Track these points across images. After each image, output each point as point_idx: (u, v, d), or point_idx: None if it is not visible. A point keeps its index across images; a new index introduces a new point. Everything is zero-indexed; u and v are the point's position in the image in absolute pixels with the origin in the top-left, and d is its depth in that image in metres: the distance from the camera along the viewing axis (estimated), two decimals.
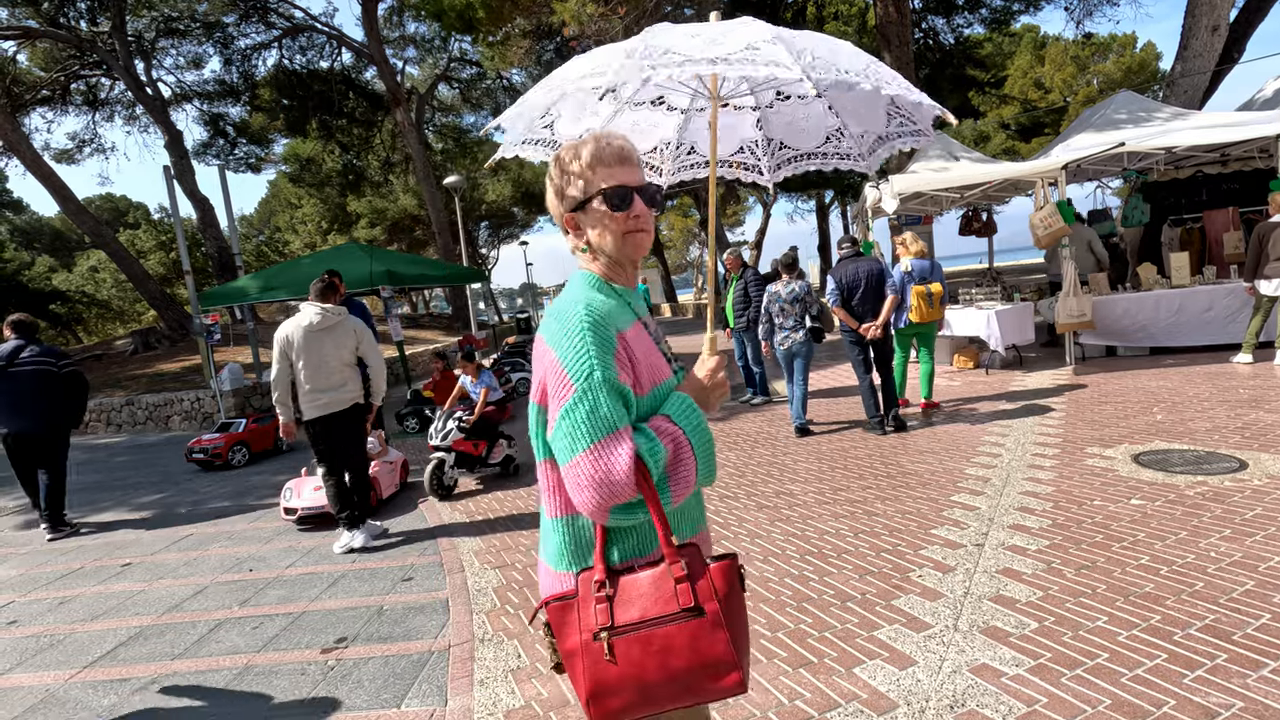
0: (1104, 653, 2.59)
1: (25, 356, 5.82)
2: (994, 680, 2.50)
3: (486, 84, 29.26)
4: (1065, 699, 2.36)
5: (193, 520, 6.06)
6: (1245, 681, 2.33)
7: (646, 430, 1.23)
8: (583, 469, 1.17)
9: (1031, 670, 2.53)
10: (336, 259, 10.05)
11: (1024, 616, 2.90)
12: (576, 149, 1.34)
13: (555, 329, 1.24)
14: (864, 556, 3.68)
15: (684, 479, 1.26)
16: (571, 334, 1.21)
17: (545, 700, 2.69)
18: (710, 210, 1.82)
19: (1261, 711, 2.19)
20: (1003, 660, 2.61)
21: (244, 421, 8.46)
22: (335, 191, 32.18)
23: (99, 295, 31.57)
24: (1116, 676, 2.45)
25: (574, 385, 1.18)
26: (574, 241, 1.39)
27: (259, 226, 44.00)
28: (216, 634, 3.66)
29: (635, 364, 1.27)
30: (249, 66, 24.40)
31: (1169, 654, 2.54)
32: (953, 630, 2.86)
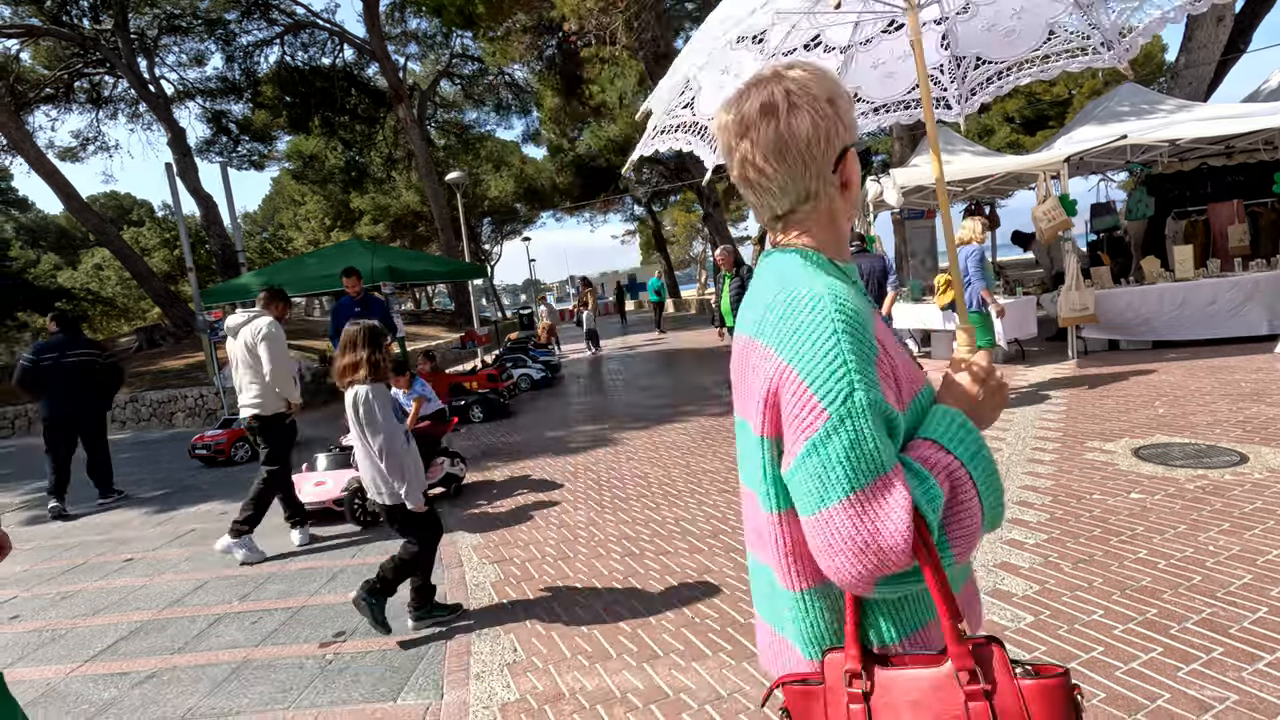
0: (1099, 646, 2.59)
1: (72, 350, 6.59)
2: None
3: (488, 80, 29.24)
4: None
5: (195, 516, 6.09)
6: (1241, 675, 2.32)
7: (914, 466, 0.90)
8: (838, 527, 0.84)
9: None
10: (339, 255, 10.06)
11: (1020, 610, 2.89)
12: (819, 76, 0.99)
13: (785, 327, 0.90)
14: None
15: (968, 529, 0.91)
16: (817, 336, 0.87)
17: (540, 694, 2.69)
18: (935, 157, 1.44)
19: (1256, 705, 2.18)
20: None
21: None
22: (338, 188, 32.22)
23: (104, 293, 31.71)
24: (1111, 670, 2.44)
25: (825, 410, 0.85)
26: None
27: (263, 224, 44.12)
28: (216, 628, 3.68)
29: (897, 375, 0.94)
30: (251, 63, 24.43)
31: (1165, 647, 2.53)
32: None
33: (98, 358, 6.76)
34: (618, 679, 2.73)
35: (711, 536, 4.14)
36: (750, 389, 0.96)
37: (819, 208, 1.02)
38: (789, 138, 0.96)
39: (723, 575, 3.58)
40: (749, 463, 0.99)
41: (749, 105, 0.98)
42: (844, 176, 1.01)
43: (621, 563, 3.92)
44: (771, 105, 0.97)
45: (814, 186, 1.00)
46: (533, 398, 10.75)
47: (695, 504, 4.76)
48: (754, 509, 1.02)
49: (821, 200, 1.01)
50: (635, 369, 12.89)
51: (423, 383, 5.81)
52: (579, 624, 3.23)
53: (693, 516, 4.53)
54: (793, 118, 0.96)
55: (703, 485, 5.17)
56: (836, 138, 0.98)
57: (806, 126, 0.96)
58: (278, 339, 4.73)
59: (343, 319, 6.74)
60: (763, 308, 0.95)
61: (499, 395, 9.46)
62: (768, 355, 0.92)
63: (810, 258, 1.00)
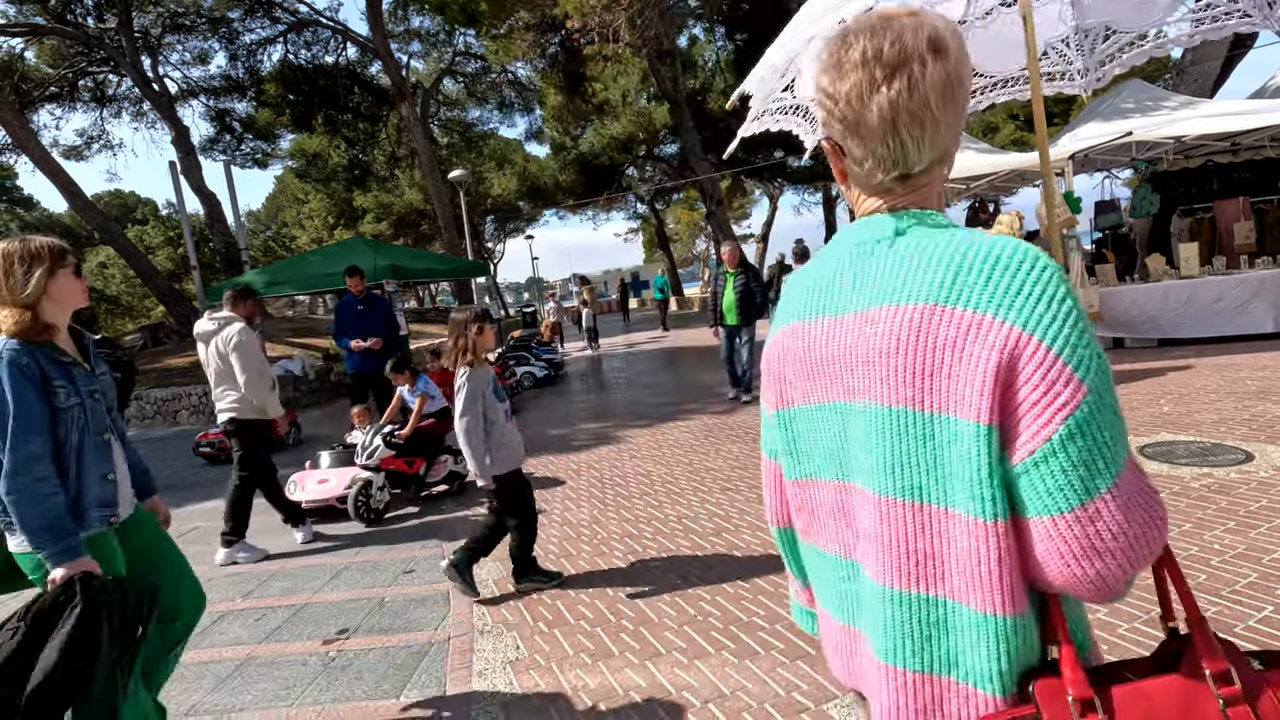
0: (1104, 645, 2.58)
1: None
2: None
3: (491, 78, 29.25)
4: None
5: (199, 514, 6.11)
6: None
7: None
8: (1110, 519, 0.72)
9: None
10: (342, 253, 10.08)
11: None
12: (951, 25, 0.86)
13: (1006, 289, 0.75)
14: None
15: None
16: (1052, 297, 0.74)
17: (543, 692, 2.69)
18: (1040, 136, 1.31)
19: None
20: None
21: None
22: (341, 186, 32.29)
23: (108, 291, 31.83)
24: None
25: (1083, 384, 0.72)
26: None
27: (266, 222, 44.23)
28: (220, 625, 3.69)
29: None
30: (254, 62, 24.46)
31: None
32: None
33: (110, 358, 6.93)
34: (620, 677, 2.73)
35: (714, 534, 4.13)
36: (951, 369, 0.76)
37: (937, 174, 0.87)
38: (956, 82, 0.80)
39: (725, 573, 3.57)
40: (930, 465, 0.79)
41: (912, 38, 0.80)
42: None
43: (624, 560, 3.92)
44: (940, 42, 0.80)
45: (953, 147, 0.86)
46: (535, 395, 10.75)
47: (698, 502, 4.76)
48: (928, 522, 0.80)
49: (945, 165, 0.87)
50: (638, 367, 12.89)
51: (427, 380, 5.78)
52: (581, 622, 3.23)
53: (695, 514, 4.52)
54: (962, 60, 0.81)
55: (705, 483, 5.16)
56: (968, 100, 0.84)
57: (966, 73, 0.82)
58: (249, 346, 4.57)
59: (345, 317, 6.76)
60: (950, 270, 0.77)
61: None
62: (986, 324, 0.74)
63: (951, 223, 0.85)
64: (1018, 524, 0.77)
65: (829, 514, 0.94)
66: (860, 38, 0.82)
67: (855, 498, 0.88)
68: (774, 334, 1.01)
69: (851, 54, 0.82)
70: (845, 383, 0.87)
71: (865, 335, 0.83)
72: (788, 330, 0.97)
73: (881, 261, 0.85)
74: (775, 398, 1.00)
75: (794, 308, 0.96)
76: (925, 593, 0.82)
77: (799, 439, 0.97)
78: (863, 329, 0.84)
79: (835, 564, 0.95)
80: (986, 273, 0.76)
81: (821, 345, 0.90)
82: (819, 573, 1.01)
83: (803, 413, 0.95)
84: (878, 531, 0.84)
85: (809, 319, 0.92)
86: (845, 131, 0.85)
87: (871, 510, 0.84)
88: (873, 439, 0.83)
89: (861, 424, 0.85)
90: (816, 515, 0.97)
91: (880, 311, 0.82)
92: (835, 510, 0.93)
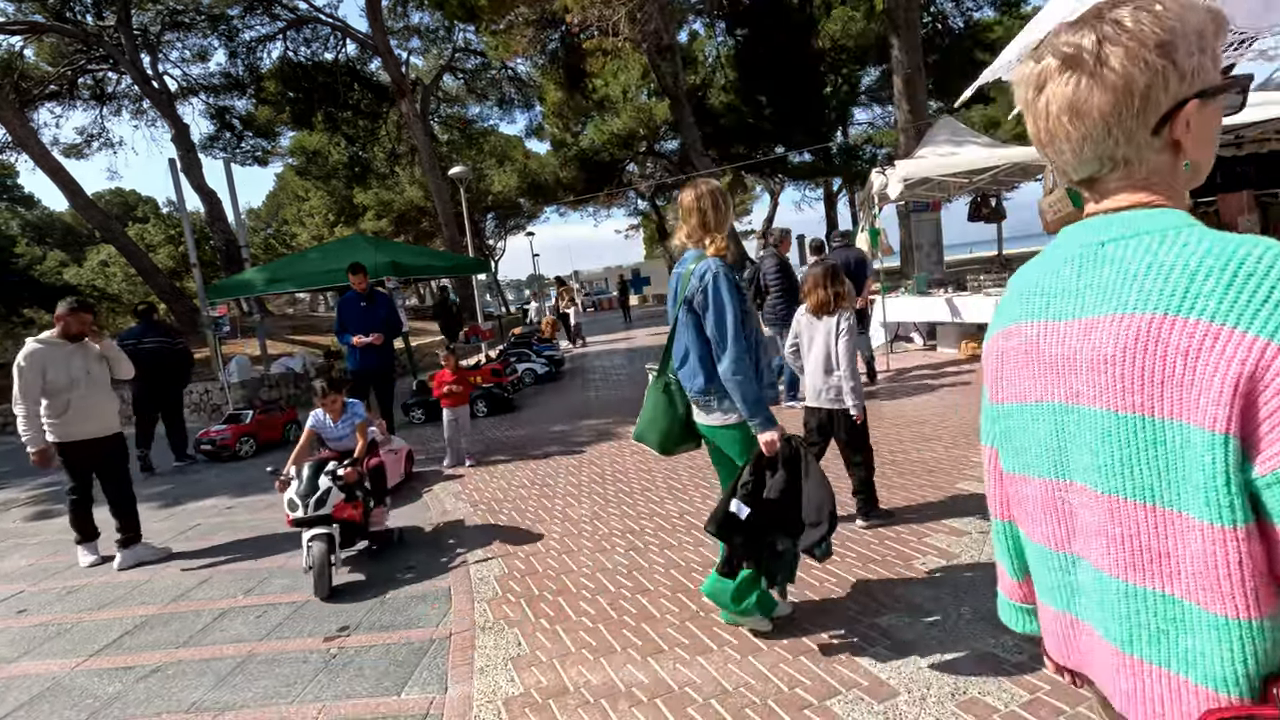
0: None
1: (147, 337, 7.76)
2: (995, 668, 2.47)
3: (491, 74, 29.20)
4: (1068, 687, 2.32)
5: (200, 511, 6.10)
6: None
7: None
8: None
9: (1035, 658, 2.50)
10: (341, 250, 10.07)
11: None
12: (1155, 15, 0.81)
13: (1252, 299, 0.71)
14: (869, 545, 3.65)
15: None
16: None
17: (545, 688, 2.68)
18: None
19: None
20: (1005, 647, 2.58)
21: (251, 413, 8.51)
22: (341, 184, 32.28)
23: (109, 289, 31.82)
24: None
25: None
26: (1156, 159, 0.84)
27: (267, 219, 44.22)
28: (221, 622, 3.68)
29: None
30: (254, 59, 24.45)
31: None
32: (955, 617, 2.83)
33: (167, 344, 7.96)
34: (622, 673, 2.72)
35: None
36: (1184, 378, 0.75)
37: (1135, 171, 0.86)
38: (1085, 99, 0.83)
39: None
40: (1162, 469, 0.78)
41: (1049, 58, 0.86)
42: (1172, 136, 0.84)
43: (626, 556, 3.90)
44: (1075, 58, 0.83)
45: (1120, 153, 0.85)
46: (536, 392, 10.74)
47: (700, 497, 4.74)
48: (1160, 523, 0.80)
49: (1137, 166, 0.86)
50: (639, 363, 12.88)
51: (360, 407, 4.64)
52: (583, 618, 3.22)
53: (697, 510, 4.51)
54: (1097, 74, 0.82)
55: (709, 479, 5.14)
56: (1186, 72, 0.81)
57: (1114, 82, 0.82)
58: (21, 371, 4.39)
59: (347, 314, 6.74)
60: (1184, 277, 0.75)
61: (503, 390, 9.46)
62: (1225, 335, 0.72)
63: (1187, 218, 0.82)
64: (1264, 528, 0.75)
65: (1041, 508, 0.96)
66: (1035, 54, 0.89)
67: (1076, 495, 0.89)
68: (993, 332, 1.03)
69: (1021, 71, 0.90)
70: (1069, 385, 0.87)
71: (1091, 341, 0.83)
72: (1006, 331, 0.98)
73: (1106, 266, 0.83)
74: (992, 392, 1.03)
75: (1013, 309, 0.97)
76: (1160, 589, 0.81)
77: (1013, 434, 0.99)
78: (1088, 334, 0.84)
79: (1047, 555, 0.97)
80: (1226, 280, 0.73)
81: (1042, 347, 0.91)
82: (1038, 564, 1.02)
83: (1017, 410, 0.97)
84: (1107, 528, 0.84)
85: (1028, 320, 0.93)
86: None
87: (1099, 508, 0.85)
88: (1099, 441, 0.83)
89: (1087, 427, 0.85)
90: (1025, 508, 1.00)
91: (1107, 320, 0.81)
92: (1048, 505, 0.94)
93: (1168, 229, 0.80)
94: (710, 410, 2.67)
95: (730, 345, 2.49)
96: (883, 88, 26.44)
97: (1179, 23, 0.80)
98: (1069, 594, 0.95)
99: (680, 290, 2.66)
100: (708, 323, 2.55)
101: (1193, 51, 0.80)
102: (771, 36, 22.94)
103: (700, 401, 2.69)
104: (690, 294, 2.59)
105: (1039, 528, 0.98)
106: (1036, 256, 0.98)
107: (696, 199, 2.66)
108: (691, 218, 2.69)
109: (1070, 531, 0.92)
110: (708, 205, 2.65)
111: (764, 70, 24.11)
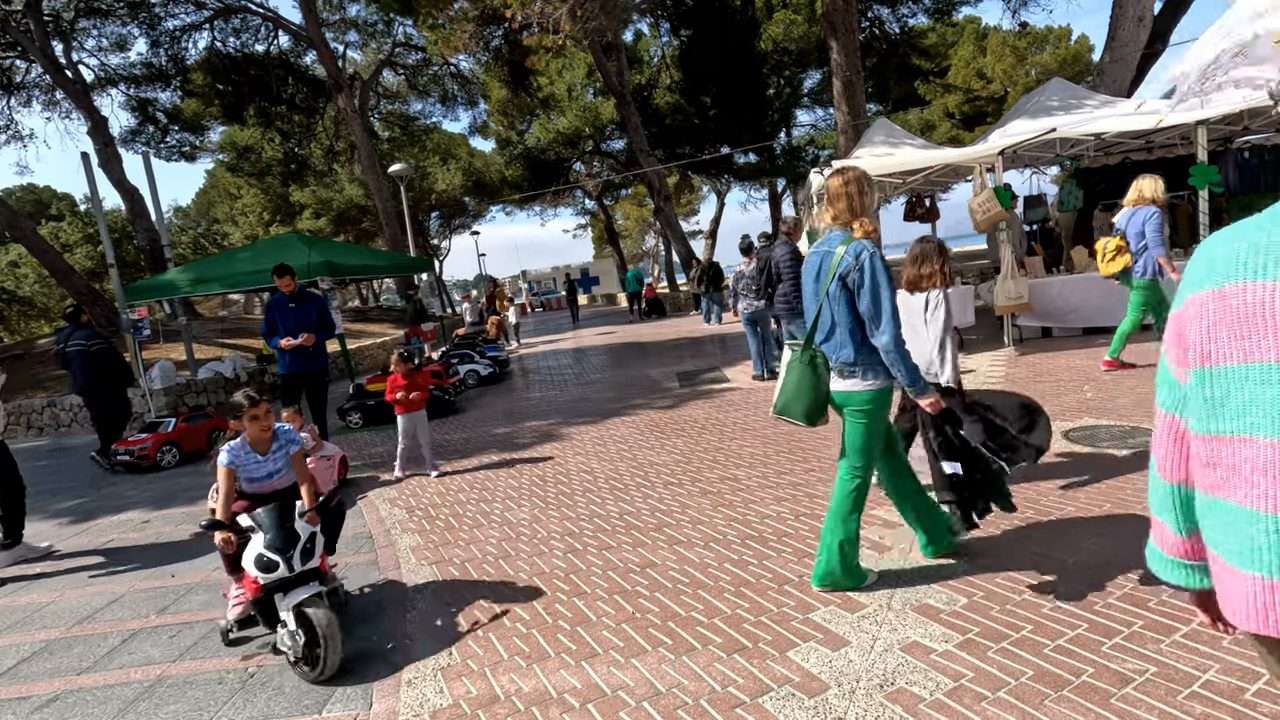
0: (1028, 625, 2.64)
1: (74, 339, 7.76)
2: (923, 657, 2.51)
3: (433, 70, 28.54)
4: (991, 672, 2.38)
5: (114, 525, 5.74)
6: (1159, 647, 2.40)
7: None
8: None
9: (960, 645, 2.56)
10: (273, 250, 9.66)
11: (955, 593, 2.93)
12: None
13: None
14: (804, 539, 3.69)
15: None
16: None
17: (474, 698, 2.60)
18: None
19: (1172, 675, 2.25)
20: (933, 637, 2.63)
21: (173, 421, 8.07)
22: (277, 181, 31.03)
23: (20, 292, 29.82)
24: (1040, 647, 2.49)
25: None
26: None
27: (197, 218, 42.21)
28: (130, 645, 3.45)
29: None
30: (178, 49, 23.22)
31: (1090, 623, 2.59)
32: (886, 609, 2.88)
33: (84, 345, 7.80)
34: (555, 679, 2.66)
35: (656, 530, 4.09)
36: None
37: None
38: None
39: (665, 568, 3.53)
40: None
41: None
42: None
43: (564, 559, 3.84)
44: None
45: None
46: (479, 394, 10.53)
47: (640, 498, 4.71)
48: None
49: None
50: (585, 363, 12.79)
51: (295, 438, 3.49)
52: (517, 624, 3.14)
53: (637, 510, 4.48)
54: None
55: (650, 478, 5.12)
56: None
57: None
58: None
59: (275, 317, 6.45)
60: None
61: (444, 392, 9.23)
62: None
63: None
64: None
65: (1260, 469, 0.99)
66: None
67: None
68: (1188, 296, 1.08)
69: None
70: None
71: None
72: (1219, 292, 1.02)
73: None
74: (1199, 356, 1.06)
75: (1223, 270, 1.02)
76: None
77: (1230, 397, 1.02)
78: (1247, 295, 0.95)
79: (1255, 518, 1.00)
80: None
81: (1266, 306, 0.96)
82: (1231, 527, 1.04)
83: (1240, 371, 1.00)
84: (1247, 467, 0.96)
85: (1252, 280, 0.98)
86: None
87: None
88: (1252, 390, 0.94)
89: None
90: (1238, 470, 1.02)
91: (1246, 284, 0.94)
92: (1271, 466, 0.98)
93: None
94: (852, 377, 2.86)
95: (888, 321, 2.69)
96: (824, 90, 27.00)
97: None
98: (1277, 556, 0.99)
99: (827, 268, 2.81)
100: (863, 299, 2.72)
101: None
102: (714, 38, 23.13)
103: (846, 370, 2.87)
104: (845, 271, 2.74)
105: (1251, 490, 1.00)
106: (1236, 225, 1.05)
107: (844, 184, 2.81)
108: (840, 201, 2.83)
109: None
110: (855, 190, 2.80)
111: (707, 72, 24.30)
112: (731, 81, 24.01)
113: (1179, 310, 1.10)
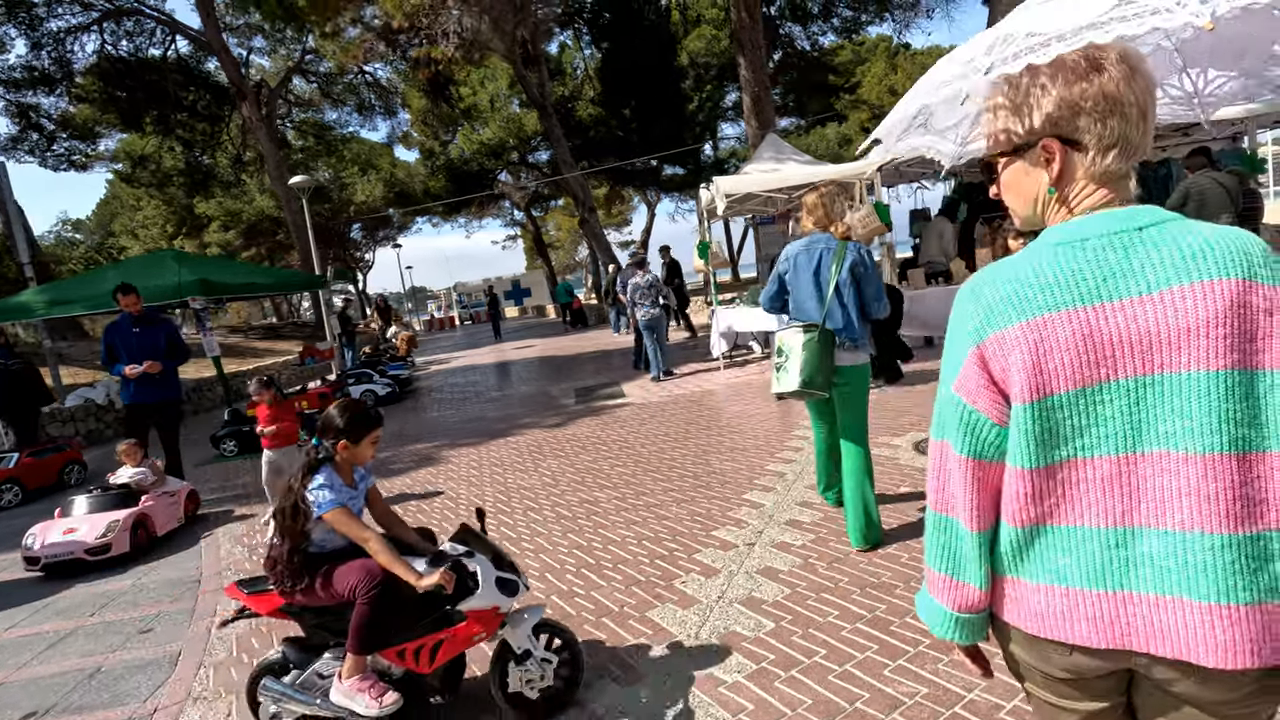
0: (823, 649, 2.63)
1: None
2: (712, 690, 2.47)
3: (349, 78, 27.70)
4: (770, 702, 2.35)
5: None
6: (935, 668, 2.42)
7: None
8: None
9: (750, 675, 2.52)
10: (141, 268, 9.08)
11: (764, 618, 2.91)
12: None
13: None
14: (639, 566, 3.62)
15: None
16: None
17: None
18: None
19: (940, 697, 2.26)
20: (728, 667, 2.59)
21: (16, 455, 7.42)
22: (180, 192, 29.43)
23: None
24: (825, 673, 2.48)
25: None
26: None
27: (95, 230, 39.64)
28: None
29: None
30: (64, 52, 21.76)
31: (880, 645, 2.60)
32: (694, 639, 2.83)
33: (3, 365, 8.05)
34: None
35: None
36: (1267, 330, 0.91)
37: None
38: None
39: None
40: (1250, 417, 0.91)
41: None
42: None
43: None
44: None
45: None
46: None
47: (493, 525, 4.55)
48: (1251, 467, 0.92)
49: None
50: (493, 380, 12.54)
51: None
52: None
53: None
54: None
55: (511, 504, 4.98)
56: None
57: None
58: None
59: (116, 340, 5.96)
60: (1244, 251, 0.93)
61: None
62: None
63: None
64: None
65: (1098, 489, 0.98)
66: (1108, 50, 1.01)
67: (1151, 465, 0.95)
68: (1001, 330, 1.00)
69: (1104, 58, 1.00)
70: (1150, 358, 0.93)
71: (1179, 310, 0.92)
72: (1036, 322, 0.97)
73: (1159, 246, 0.95)
74: (1024, 391, 0.99)
75: (1038, 300, 0.98)
76: (1249, 531, 0.91)
77: (1062, 425, 0.98)
78: (1174, 304, 0.92)
79: (1096, 535, 0.98)
80: (1263, 253, 0.93)
81: (1105, 328, 0.94)
82: (1070, 551, 1.01)
83: (1072, 398, 0.97)
84: (1200, 488, 0.92)
85: (1073, 307, 0.96)
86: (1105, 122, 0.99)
87: (1190, 470, 0.92)
88: (1193, 403, 0.92)
89: (1174, 393, 0.93)
90: (1073, 494, 1.00)
91: (1191, 288, 0.92)
92: (1109, 482, 0.97)
93: (1170, 219, 0.98)
94: (855, 350, 3.44)
95: (883, 308, 3.49)
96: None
97: None
98: (1125, 569, 0.98)
99: (828, 262, 3.42)
100: (869, 285, 3.42)
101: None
102: (633, 52, 23.30)
103: (849, 344, 3.41)
104: (853, 264, 3.40)
105: (1089, 510, 0.99)
106: (1030, 253, 1.03)
107: (820, 198, 3.53)
108: (818, 210, 3.52)
109: (1134, 504, 0.96)
110: (828, 201, 3.52)
111: (628, 85, 24.45)
112: (651, 94, 24.20)
113: (975, 352, 1.03)
